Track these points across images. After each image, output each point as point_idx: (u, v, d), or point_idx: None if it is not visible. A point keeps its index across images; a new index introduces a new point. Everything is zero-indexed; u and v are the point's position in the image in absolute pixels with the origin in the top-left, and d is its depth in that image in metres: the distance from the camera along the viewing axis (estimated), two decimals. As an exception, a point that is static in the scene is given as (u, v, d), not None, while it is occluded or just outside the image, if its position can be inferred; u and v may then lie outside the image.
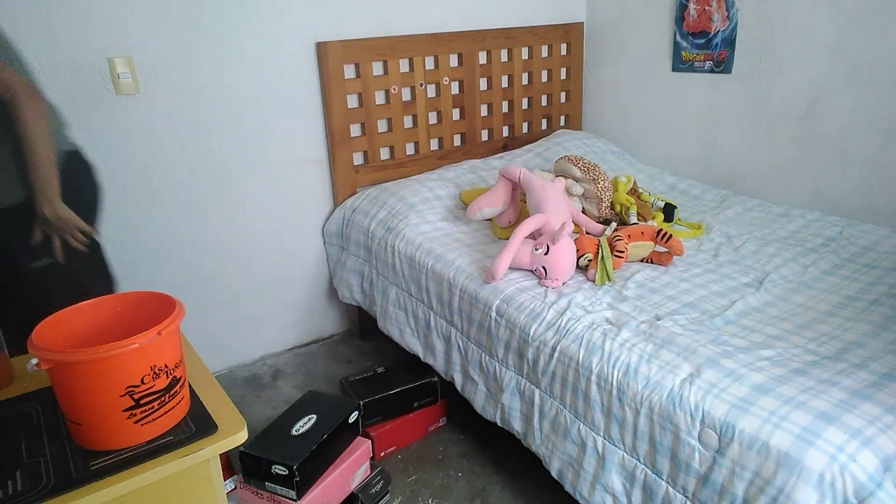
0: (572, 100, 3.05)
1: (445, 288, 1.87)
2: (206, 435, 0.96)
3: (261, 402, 2.28)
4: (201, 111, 2.14)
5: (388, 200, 2.28)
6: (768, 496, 1.10)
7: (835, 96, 2.17)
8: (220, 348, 2.43)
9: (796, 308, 1.58)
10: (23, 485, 0.87)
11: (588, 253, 1.77)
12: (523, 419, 1.63)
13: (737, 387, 1.23)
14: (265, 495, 1.55)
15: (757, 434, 1.13)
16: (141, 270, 2.15)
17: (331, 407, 1.72)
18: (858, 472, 1.04)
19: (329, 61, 2.27)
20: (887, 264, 1.78)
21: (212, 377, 1.13)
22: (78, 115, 1.93)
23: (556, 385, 1.51)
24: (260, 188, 2.34)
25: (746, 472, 1.14)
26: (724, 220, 2.17)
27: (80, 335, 0.99)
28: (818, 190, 2.28)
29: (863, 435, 1.09)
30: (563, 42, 2.92)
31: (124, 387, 0.90)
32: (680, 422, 1.24)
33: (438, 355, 1.95)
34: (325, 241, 2.55)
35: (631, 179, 2.23)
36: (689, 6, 2.51)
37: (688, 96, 2.63)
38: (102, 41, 1.92)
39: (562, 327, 1.52)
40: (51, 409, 1.03)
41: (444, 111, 2.63)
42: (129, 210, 2.09)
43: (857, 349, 1.37)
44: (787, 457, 1.09)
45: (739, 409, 1.18)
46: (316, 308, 2.64)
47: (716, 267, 1.82)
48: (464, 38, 2.58)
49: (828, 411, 1.14)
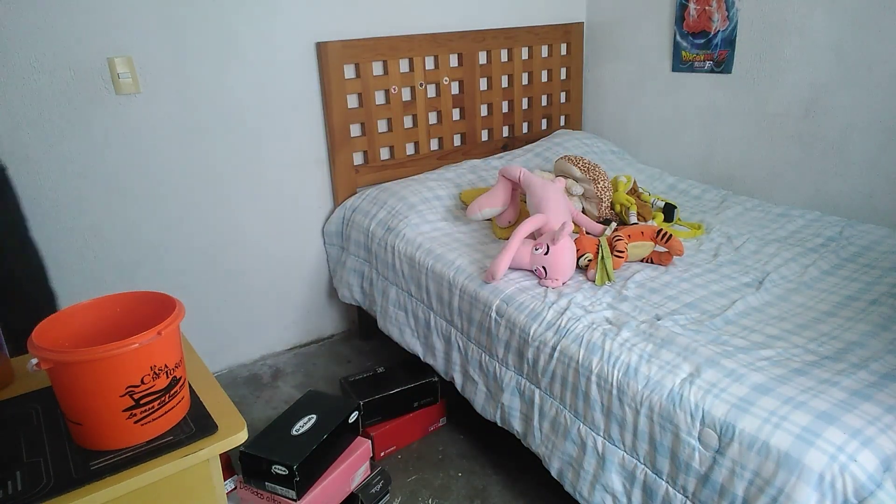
0: (572, 100, 3.05)
1: (445, 288, 1.87)
2: (206, 435, 0.96)
3: (261, 402, 2.28)
4: (201, 111, 2.14)
5: (388, 200, 2.28)
6: (768, 496, 1.10)
7: (835, 96, 2.17)
8: (220, 348, 2.43)
9: (796, 308, 1.58)
10: (23, 485, 0.87)
11: (588, 253, 1.77)
12: (523, 419, 1.63)
13: (737, 387, 1.23)
14: (265, 495, 1.55)
15: (757, 434, 1.13)
16: (141, 270, 2.16)
17: (331, 407, 1.72)
18: (858, 472, 1.04)
19: (329, 61, 2.28)
20: (887, 264, 1.78)
21: (212, 377, 1.13)
22: (78, 115, 1.93)
23: (556, 385, 1.51)
24: (260, 188, 2.34)
25: (746, 471, 1.13)
26: (724, 220, 2.17)
27: (80, 335, 0.99)
28: (818, 190, 2.28)
29: (863, 435, 1.09)
30: (563, 42, 2.92)
31: (124, 387, 0.90)
32: (680, 422, 1.24)
33: (438, 355, 1.95)
34: (325, 241, 2.55)
35: (631, 179, 2.23)
36: (689, 6, 2.51)
37: (688, 96, 2.63)
38: (102, 41, 1.92)
39: (562, 327, 1.52)
40: (51, 409, 1.03)
41: (444, 111, 2.63)
42: (129, 210, 2.09)
43: (857, 349, 1.37)
44: (787, 457, 1.09)
45: (739, 409, 1.18)
46: (316, 308, 2.64)
47: (716, 267, 1.82)
48: (464, 38, 2.58)
49: (828, 411, 1.14)
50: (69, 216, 1.99)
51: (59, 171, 1.94)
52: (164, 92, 2.06)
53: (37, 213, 1.93)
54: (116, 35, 1.93)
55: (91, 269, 2.06)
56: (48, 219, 1.96)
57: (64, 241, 2.00)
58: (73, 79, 1.90)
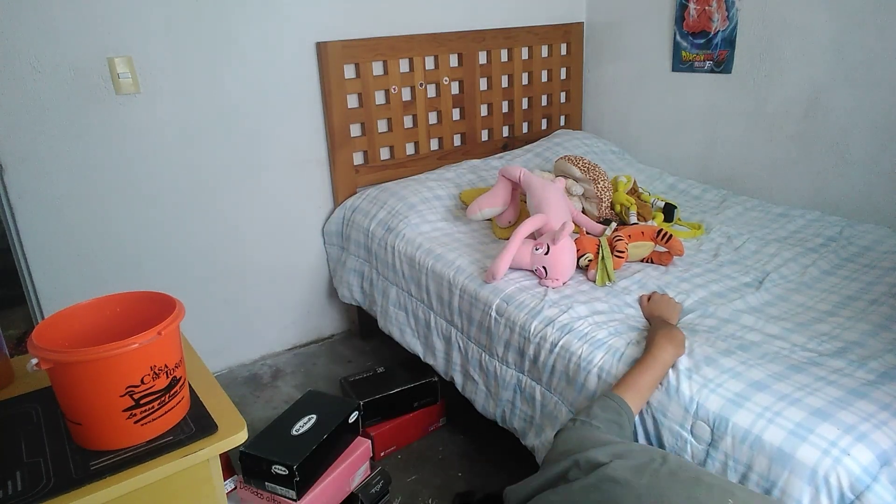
0: (572, 100, 3.05)
1: (445, 288, 1.87)
2: (206, 435, 0.96)
3: (261, 402, 2.28)
4: (201, 111, 2.14)
5: (388, 200, 2.28)
6: (761, 490, 1.11)
7: (835, 96, 2.17)
8: (220, 348, 2.43)
9: (796, 308, 1.58)
10: (23, 485, 0.87)
11: (588, 253, 1.77)
12: (524, 418, 1.63)
13: (733, 383, 1.23)
14: (265, 495, 1.55)
15: (750, 428, 1.14)
16: (141, 270, 2.16)
17: (331, 407, 1.72)
18: (853, 467, 1.04)
19: (329, 61, 2.27)
20: (887, 264, 1.78)
21: (212, 377, 1.13)
22: (78, 115, 1.93)
23: (556, 381, 1.51)
24: (260, 188, 2.34)
25: (739, 465, 1.15)
26: (724, 220, 2.17)
27: (80, 335, 0.99)
28: (818, 190, 2.28)
29: (857, 430, 1.09)
30: (563, 42, 2.92)
31: (124, 387, 0.90)
32: (674, 414, 1.24)
33: (439, 355, 1.95)
34: (326, 241, 2.55)
35: (631, 179, 2.23)
36: (689, 6, 2.51)
37: (688, 96, 2.63)
38: (102, 41, 1.92)
39: (563, 326, 1.52)
40: (51, 409, 1.03)
41: (444, 111, 2.63)
42: (129, 209, 2.09)
43: (857, 348, 1.37)
44: (779, 451, 1.09)
45: (733, 404, 1.19)
46: (316, 308, 2.64)
47: (716, 267, 1.82)
48: (464, 38, 2.58)
49: (822, 408, 1.14)
50: (69, 216, 1.99)
51: (58, 170, 1.94)
52: (164, 92, 2.06)
53: (36, 213, 1.93)
54: (116, 35, 1.93)
55: (91, 269, 2.06)
56: (48, 218, 1.96)
57: (64, 240, 2.00)
58: (73, 79, 1.90)
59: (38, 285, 1.99)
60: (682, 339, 1.35)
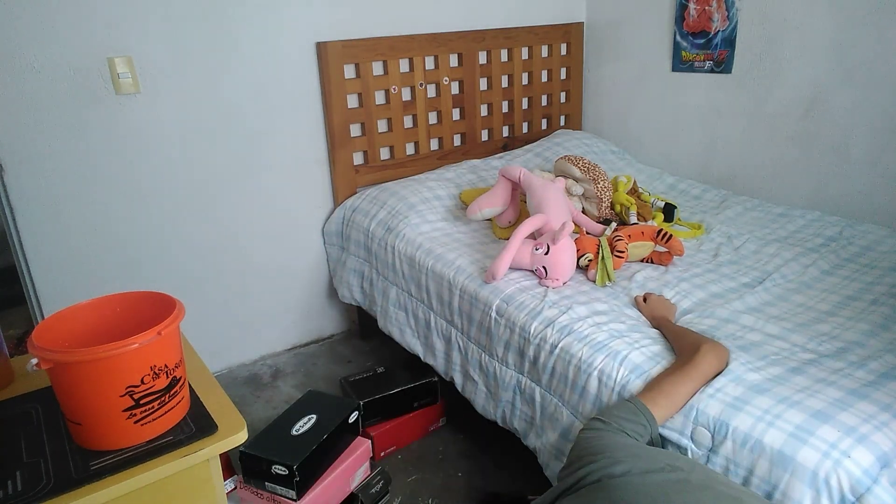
0: (572, 100, 3.05)
1: (445, 288, 1.87)
2: (206, 435, 0.96)
3: (261, 402, 2.28)
4: (201, 111, 2.14)
5: (388, 200, 2.28)
6: (763, 493, 1.11)
7: (835, 96, 2.17)
8: (220, 348, 2.43)
9: (796, 308, 1.58)
10: (23, 485, 0.87)
11: (588, 253, 1.77)
12: (525, 419, 1.63)
13: (732, 386, 1.23)
14: (265, 495, 1.55)
15: (750, 432, 1.14)
16: (141, 270, 2.16)
17: (331, 407, 1.72)
18: (853, 469, 1.04)
19: (329, 61, 2.27)
20: (887, 264, 1.78)
21: (212, 377, 1.13)
22: (78, 115, 1.93)
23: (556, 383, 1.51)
24: (260, 188, 2.34)
25: (740, 469, 1.14)
26: (724, 220, 2.17)
27: (80, 335, 0.99)
28: (818, 190, 2.28)
29: (857, 432, 1.09)
30: (563, 42, 2.92)
31: (124, 387, 0.90)
32: (674, 422, 1.24)
33: (439, 355, 1.95)
34: (325, 241, 2.55)
35: (631, 179, 2.23)
36: (689, 6, 2.51)
37: (688, 96, 2.63)
38: (102, 41, 1.92)
39: (563, 327, 1.52)
40: (51, 409, 1.03)
41: (444, 111, 2.63)
42: (129, 209, 2.09)
43: (857, 349, 1.37)
44: (780, 454, 1.09)
45: (733, 408, 1.18)
46: (316, 308, 2.64)
47: (716, 267, 1.82)
48: (464, 38, 2.58)
49: (822, 410, 1.14)
50: (69, 216, 1.99)
51: (58, 171, 1.94)
52: (164, 92, 2.06)
53: (36, 213, 1.93)
54: (116, 35, 1.93)
55: (91, 268, 2.06)
56: (48, 218, 1.96)
57: (64, 240, 2.00)
58: (73, 79, 1.90)
59: (38, 285, 1.99)
60: (726, 356, 1.30)
